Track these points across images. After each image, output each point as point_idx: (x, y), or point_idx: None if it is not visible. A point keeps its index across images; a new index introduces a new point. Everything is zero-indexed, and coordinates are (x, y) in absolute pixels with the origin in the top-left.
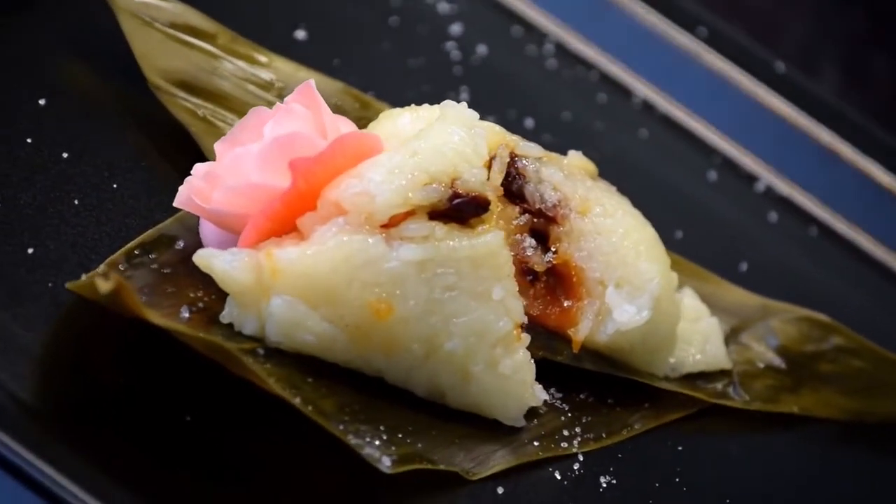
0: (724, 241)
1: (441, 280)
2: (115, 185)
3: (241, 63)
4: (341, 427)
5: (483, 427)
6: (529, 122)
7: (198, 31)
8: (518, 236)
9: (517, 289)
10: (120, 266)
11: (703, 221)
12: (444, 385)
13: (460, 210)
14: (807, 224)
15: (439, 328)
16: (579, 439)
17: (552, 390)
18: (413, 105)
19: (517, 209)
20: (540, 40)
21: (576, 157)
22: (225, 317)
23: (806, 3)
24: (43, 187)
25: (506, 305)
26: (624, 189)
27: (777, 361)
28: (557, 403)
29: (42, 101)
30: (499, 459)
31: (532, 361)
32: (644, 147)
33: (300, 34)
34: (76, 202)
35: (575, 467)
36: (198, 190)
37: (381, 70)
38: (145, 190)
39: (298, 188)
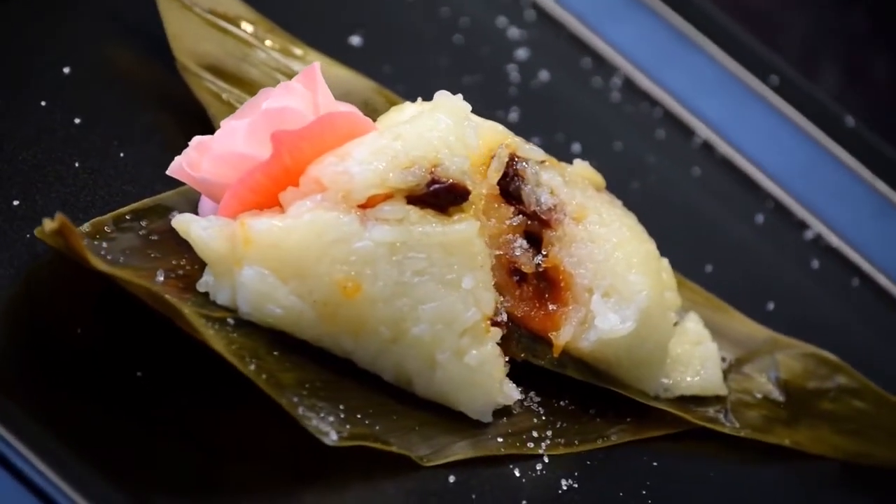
0: (756, 280)
1: (411, 264)
2: (121, 154)
3: (274, 53)
4: (294, 399)
5: (448, 418)
6: (576, 147)
7: (236, 19)
8: (510, 236)
9: (492, 283)
10: (106, 227)
11: (737, 259)
12: (410, 371)
13: (437, 196)
14: (849, 275)
15: (407, 312)
16: (548, 442)
17: (531, 394)
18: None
19: (512, 209)
20: (609, 73)
21: (581, 167)
22: (201, 285)
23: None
24: (46, 147)
25: (476, 296)
26: (662, 218)
27: (776, 393)
28: (533, 406)
29: (66, 70)
30: (457, 450)
31: (503, 358)
32: (695, 184)
33: (355, 39)
34: (76, 164)
35: (538, 467)
36: (190, 159)
37: (433, 82)
38: (151, 162)
39: (282, 162)
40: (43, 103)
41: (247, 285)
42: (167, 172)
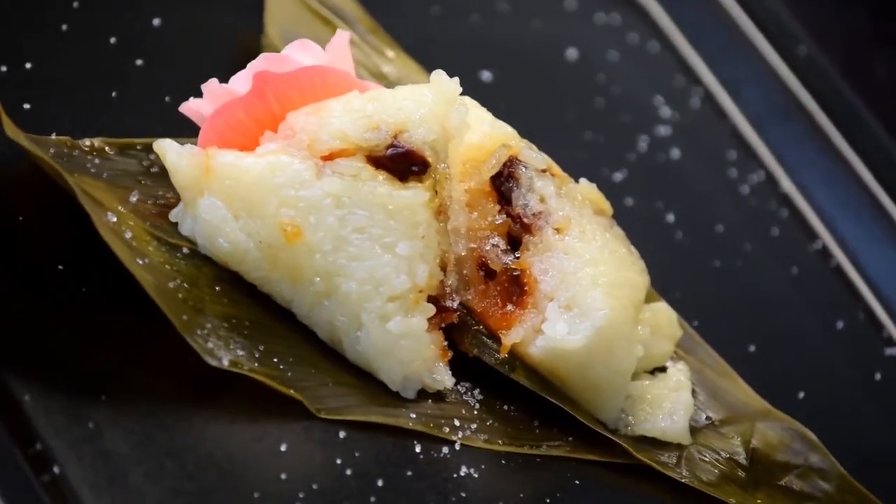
0: (807, 378)
1: (353, 220)
2: (167, 99)
3: (367, 49)
4: (207, 326)
5: (370, 386)
6: (670, 217)
7: (340, 10)
8: (488, 233)
9: (436, 260)
10: (108, 149)
11: (812, 364)
12: (340, 330)
13: (394, 161)
14: None
15: (341, 266)
16: (468, 433)
17: (475, 391)
18: None
19: (498, 208)
20: (750, 169)
21: (586, 187)
22: (173, 214)
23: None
24: (99, 71)
25: (410, 265)
26: (737, 296)
27: (742, 457)
28: (471, 401)
29: (156, 22)
30: (359, 412)
31: (441, 340)
32: (788, 281)
33: (486, 75)
34: (113, 94)
35: (444, 450)
36: (201, 101)
37: (548, 129)
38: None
39: (268, 104)
40: (112, 40)
41: (203, 215)
42: (180, 108)
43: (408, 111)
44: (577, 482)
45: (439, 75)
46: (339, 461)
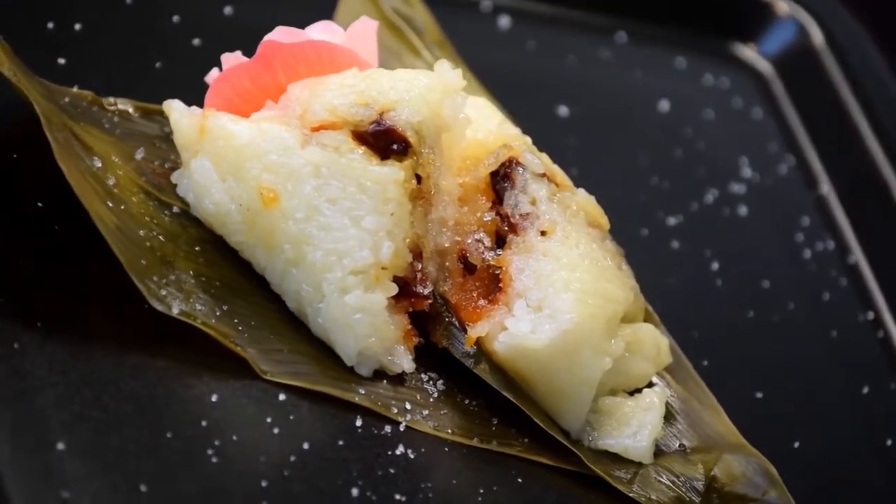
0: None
1: (328, 191)
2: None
3: (429, 58)
4: (171, 277)
5: (326, 358)
6: (714, 265)
7: (413, 21)
8: (475, 228)
9: (405, 241)
10: (131, 110)
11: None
12: (305, 300)
13: (375, 137)
14: None
15: (310, 235)
16: (418, 417)
17: (440, 381)
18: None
19: (490, 206)
20: (819, 236)
21: (584, 198)
22: (175, 176)
23: None
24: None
25: (375, 240)
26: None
27: (700, 483)
28: (430, 389)
29: (228, 10)
30: (306, 379)
31: (404, 323)
32: (823, 342)
33: (563, 109)
34: (158, 64)
35: (386, 428)
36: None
37: (613, 167)
38: None
39: (274, 74)
40: (175, 18)
41: (194, 175)
42: (206, 78)
43: (399, 91)
44: (519, 480)
45: (442, 65)
46: (269, 419)
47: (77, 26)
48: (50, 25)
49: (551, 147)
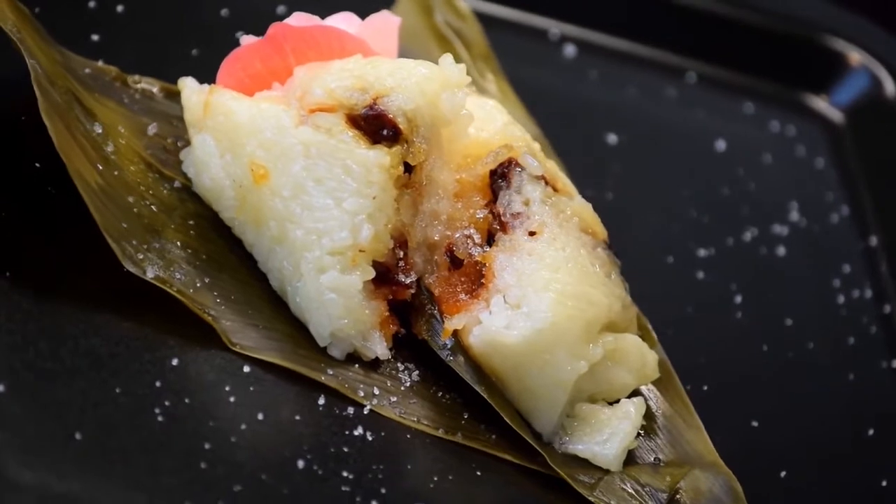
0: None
1: (315, 170)
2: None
3: (471, 71)
4: (154, 244)
5: (300, 338)
6: (738, 298)
7: (462, 33)
8: (467, 224)
9: (386, 226)
10: (156, 90)
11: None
12: (286, 279)
13: (367, 121)
14: None
15: (294, 213)
16: (385, 403)
17: (415, 372)
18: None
19: (484, 203)
20: (857, 284)
21: (580, 205)
22: (183, 153)
23: None
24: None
25: (354, 222)
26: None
27: (663, 496)
28: (405, 378)
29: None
30: (275, 354)
31: (373, 304)
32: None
33: (612, 137)
34: (194, 52)
35: (349, 409)
36: None
37: (651, 194)
38: None
39: (284, 56)
40: (224, 12)
41: (196, 150)
42: (227, 58)
43: (396, 79)
44: (478, 473)
45: (446, 59)
46: (227, 388)
47: (119, 8)
48: (91, 4)
49: (592, 171)
